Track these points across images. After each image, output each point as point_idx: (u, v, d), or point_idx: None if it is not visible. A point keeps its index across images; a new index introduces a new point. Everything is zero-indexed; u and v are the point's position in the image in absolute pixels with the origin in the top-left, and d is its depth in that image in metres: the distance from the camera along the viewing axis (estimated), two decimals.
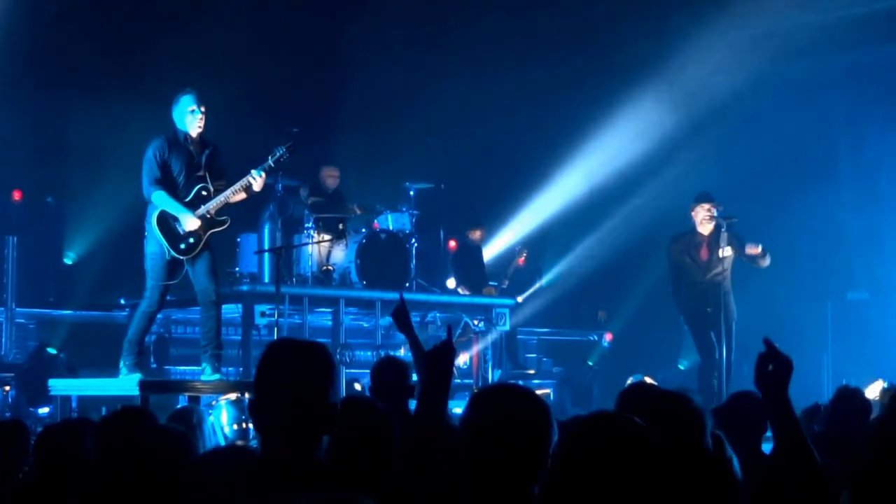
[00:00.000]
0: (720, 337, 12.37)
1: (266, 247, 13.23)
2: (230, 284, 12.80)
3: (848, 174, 16.65)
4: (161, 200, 9.97)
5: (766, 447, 5.96)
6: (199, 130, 10.09)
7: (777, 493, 3.48)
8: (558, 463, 3.17)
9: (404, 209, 14.23)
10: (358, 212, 14.26)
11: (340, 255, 13.68)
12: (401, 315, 5.48)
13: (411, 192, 14.39)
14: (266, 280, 13.19)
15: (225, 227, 10.29)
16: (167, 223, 10.01)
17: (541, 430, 3.49)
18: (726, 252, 12.48)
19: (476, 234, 15.72)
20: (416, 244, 13.91)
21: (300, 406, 3.63)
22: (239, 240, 13.59)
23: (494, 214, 16.91)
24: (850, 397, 6.71)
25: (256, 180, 10.11)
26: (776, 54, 16.22)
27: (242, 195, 10.24)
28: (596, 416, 3.28)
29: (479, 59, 16.29)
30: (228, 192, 10.12)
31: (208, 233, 10.11)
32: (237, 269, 13.51)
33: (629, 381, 10.01)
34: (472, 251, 15.70)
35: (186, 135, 10.07)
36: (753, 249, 12.53)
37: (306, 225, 13.44)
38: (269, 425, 3.70)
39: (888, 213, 16.14)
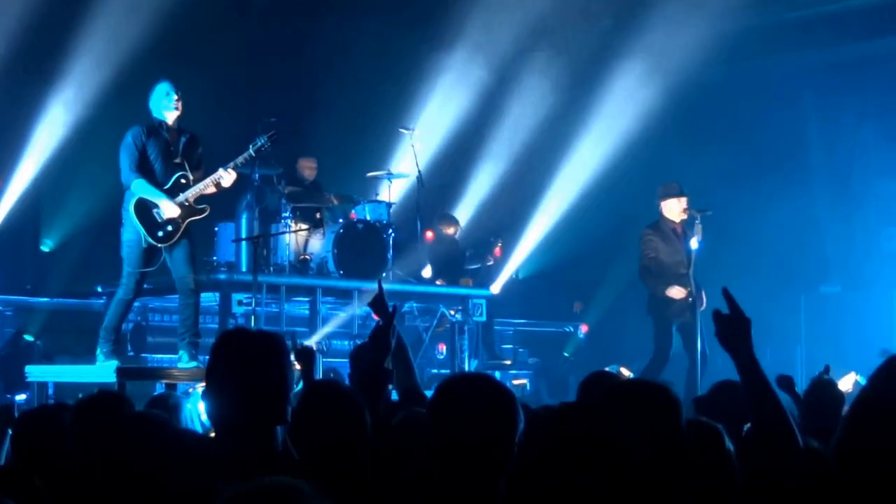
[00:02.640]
0: (696, 329, 12.36)
1: (243, 236, 13.24)
2: (207, 273, 12.82)
3: (821, 169, 16.75)
4: (140, 188, 10.01)
5: None
6: (177, 115, 10.14)
7: (754, 462, 3.51)
8: (525, 453, 3.17)
9: (381, 199, 14.26)
10: (335, 202, 14.28)
11: (318, 244, 13.70)
12: (378, 304, 5.52)
13: (388, 183, 14.42)
14: (243, 269, 13.20)
15: (204, 214, 10.34)
16: (145, 210, 10.04)
17: (506, 419, 3.50)
18: (695, 244, 12.49)
19: (450, 230, 15.75)
20: (392, 234, 13.94)
21: (252, 396, 3.61)
22: (216, 228, 13.59)
23: (471, 205, 16.95)
24: (823, 389, 6.75)
25: (224, 177, 10.17)
26: (749, 49, 16.30)
27: (213, 189, 10.29)
28: (562, 408, 3.27)
29: (456, 50, 16.32)
30: (201, 184, 10.18)
31: (187, 220, 10.16)
32: (214, 257, 13.52)
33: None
34: (448, 242, 15.73)
35: (163, 123, 10.12)
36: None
37: (283, 214, 13.46)
38: (220, 415, 3.68)
39: (860, 207, 16.24)
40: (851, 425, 3.36)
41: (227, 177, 10.19)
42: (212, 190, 10.28)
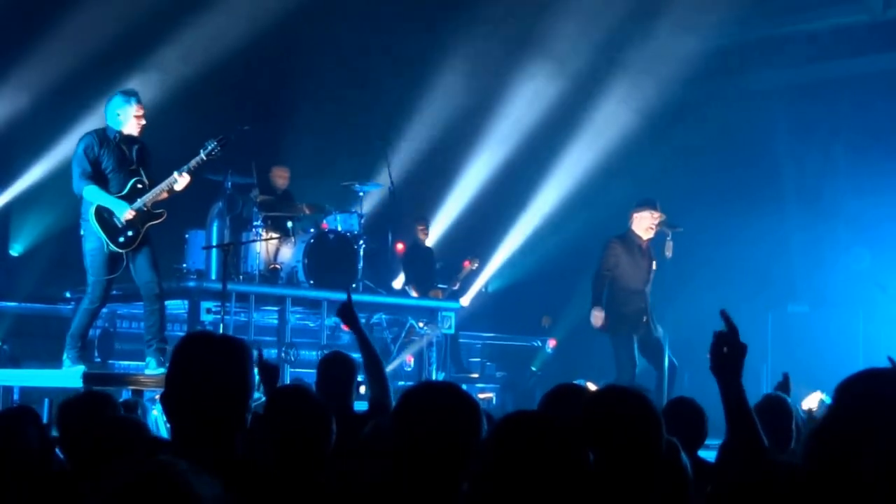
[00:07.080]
0: (660, 348, 12.38)
1: (214, 243, 13.22)
2: (177, 280, 12.80)
3: (791, 188, 16.79)
4: (93, 195, 10.07)
5: (705, 454, 6.05)
6: (141, 128, 10.21)
7: (726, 486, 3.50)
8: (483, 460, 3.17)
9: (353, 210, 14.27)
10: (307, 211, 14.28)
11: (288, 254, 13.69)
12: (346, 312, 5.55)
13: (360, 194, 14.43)
14: (213, 277, 13.17)
15: (161, 219, 10.38)
16: (104, 217, 10.08)
17: (469, 427, 3.51)
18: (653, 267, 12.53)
19: (420, 227, 15.76)
20: (363, 245, 13.94)
21: (211, 401, 3.53)
22: (187, 236, 13.58)
23: (443, 218, 16.96)
24: (771, 405, 6.78)
25: (178, 181, 10.22)
26: (721, 67, 16.37)
27: (165, 195, 10.33)
28: (518, 415, 3.26)
29: (428, 62, 16.35)
30: (157, 189, 10.21)
31: (146, 225, 10.20)
32: (184, 265, 13.50)
33: None
34: (423, 252, 15.74)
35: (117, 132, 10.16)
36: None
37: (255, 223, 13.45)
38: (179, 420, 3.61)
39: (830, 226, 16.30)
40: (819, 441, 3.33)
41: (180, 180, 10.26)
42: (164, 195, 10.32)
